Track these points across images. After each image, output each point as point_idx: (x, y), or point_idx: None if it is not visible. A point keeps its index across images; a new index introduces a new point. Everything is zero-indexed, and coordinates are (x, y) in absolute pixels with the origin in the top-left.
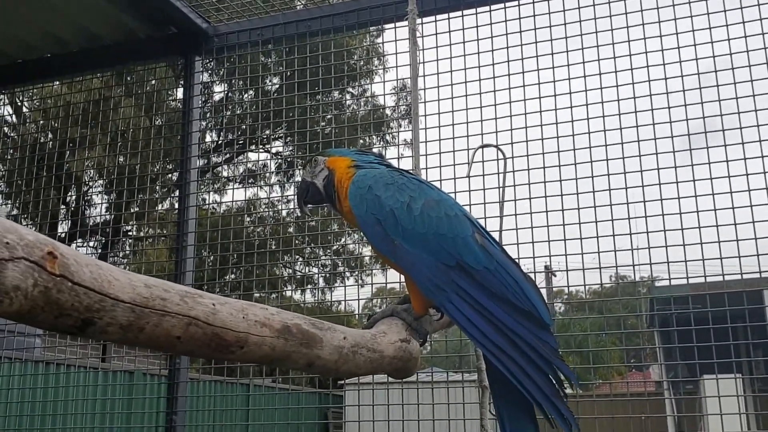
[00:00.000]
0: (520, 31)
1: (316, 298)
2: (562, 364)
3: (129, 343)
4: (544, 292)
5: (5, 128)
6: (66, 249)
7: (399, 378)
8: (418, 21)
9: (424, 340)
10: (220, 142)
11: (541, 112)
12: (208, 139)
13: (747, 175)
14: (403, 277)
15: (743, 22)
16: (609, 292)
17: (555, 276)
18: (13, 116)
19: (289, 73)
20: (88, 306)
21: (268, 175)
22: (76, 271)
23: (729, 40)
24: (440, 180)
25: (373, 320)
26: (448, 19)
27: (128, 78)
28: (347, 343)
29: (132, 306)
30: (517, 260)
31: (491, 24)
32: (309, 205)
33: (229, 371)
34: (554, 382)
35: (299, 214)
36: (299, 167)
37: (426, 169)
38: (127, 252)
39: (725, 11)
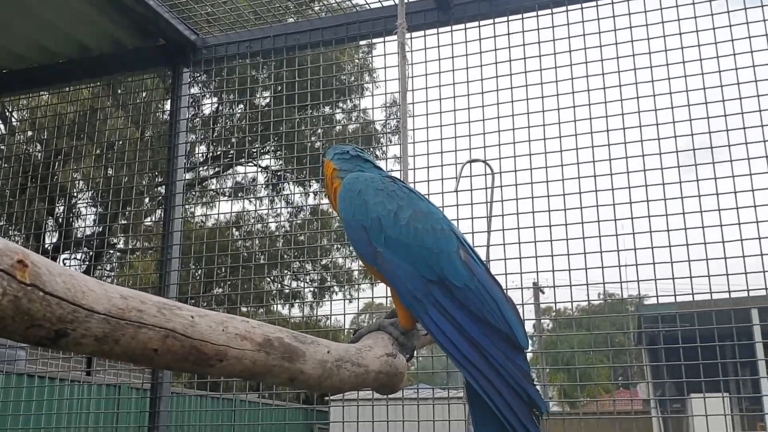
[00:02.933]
0: (509, 47)
1: (304, 313)
2: (533, 389)
3: (104, 355)
4: (532, 308)
5: None
6: (38, 258)
7: (384, 393)
8: (407, 35)
9: (411, 354)
10: (209, 155)
11: (529, 127)
12: (197, 152)
13: (735, 192)
14: (390, 291)
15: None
16: (597, 309)
17: (543, 293)
18: (1, 126)
19: (279, 87)
20: (61, 317)
21: (257, 188)
22: (48, 280)
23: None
24: (428, 194)
25: (359, 334)
26: (437, 34)
27: (118, 90)
28: (331, 357)
29: (107, 317)
30: (500, 278)
31: (480, 39)
32: None
33: (214, 386)
34: (527, 403)
35: (292, 219)
36: (288, 181)
37: (414, 182)
38: (115, 265)
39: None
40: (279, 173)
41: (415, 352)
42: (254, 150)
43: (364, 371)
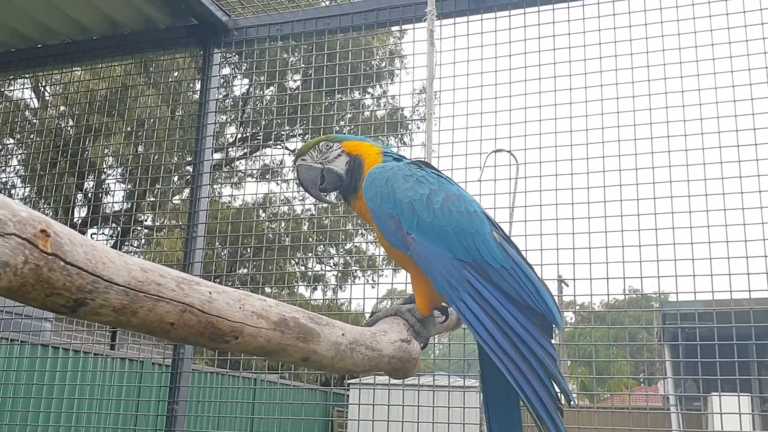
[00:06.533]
0: (539, 38)
1: (326, 296)
2: (561, 378)
3: (121, 326)
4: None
5: (27, 112)
6: (60, 227)
7: (397, 378)
8: (437, 23)
9: (425, 342)
10: (238, 136)
11: (555, 119)
12: (226, 133)
13: (760, 192)
14: (410, 277)
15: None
16: (620, 304)
17: (567, 285)
18: (35, 100)
19: (309, 71)
20: (80, 287)
21: (284, 171)
22: (70, 250)
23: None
24: None
25: (376, 317)
26: (467, 22)
27: (150, 68)
28: (345, 340)
29: (126, 289)
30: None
31: (510, 29)
32: (325, 193)
33: (235, 364)
34: (555, 396)
35: (318, 204)
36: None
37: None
38: (142, 241)
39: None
40: None
41: (433, 339)
42: (283, 133)
43: (378, 355)
